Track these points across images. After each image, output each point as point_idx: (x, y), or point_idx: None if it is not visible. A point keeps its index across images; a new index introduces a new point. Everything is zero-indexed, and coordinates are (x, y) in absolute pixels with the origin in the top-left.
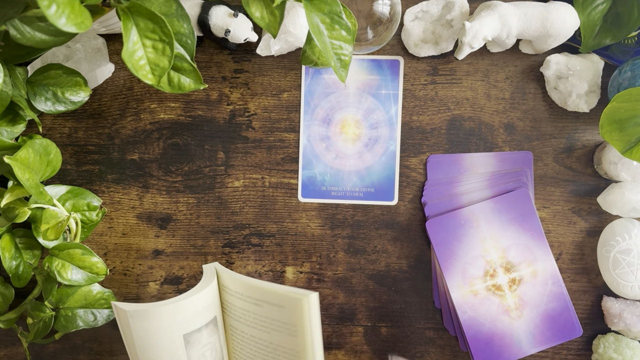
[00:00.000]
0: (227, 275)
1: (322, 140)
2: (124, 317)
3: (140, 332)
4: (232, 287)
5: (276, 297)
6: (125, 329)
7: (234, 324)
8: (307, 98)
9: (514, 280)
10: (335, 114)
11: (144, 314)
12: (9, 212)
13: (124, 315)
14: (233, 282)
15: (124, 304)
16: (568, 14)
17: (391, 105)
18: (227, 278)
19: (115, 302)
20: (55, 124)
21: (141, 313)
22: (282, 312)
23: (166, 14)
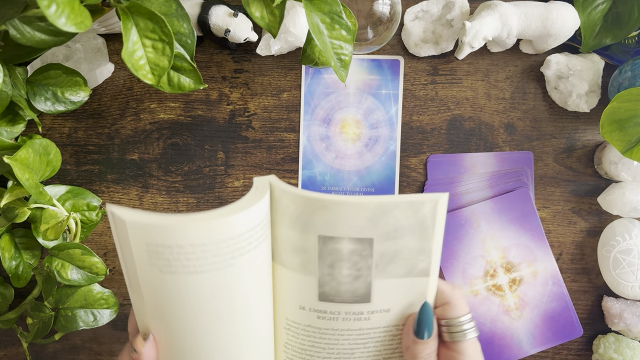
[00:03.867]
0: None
1: (322, 140)
2: (122, 230)
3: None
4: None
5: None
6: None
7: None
8: (307, 98)
9: (514, 281)
10: (335, 114)
11: (154, 230)
12: (8, 212)
13: (122, 227)
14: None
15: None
16: (568, 14)
17: (391, 105)
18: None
19: (111, 207)
20: (55, 124)
21: (149, 228)
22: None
23: (166, 13)
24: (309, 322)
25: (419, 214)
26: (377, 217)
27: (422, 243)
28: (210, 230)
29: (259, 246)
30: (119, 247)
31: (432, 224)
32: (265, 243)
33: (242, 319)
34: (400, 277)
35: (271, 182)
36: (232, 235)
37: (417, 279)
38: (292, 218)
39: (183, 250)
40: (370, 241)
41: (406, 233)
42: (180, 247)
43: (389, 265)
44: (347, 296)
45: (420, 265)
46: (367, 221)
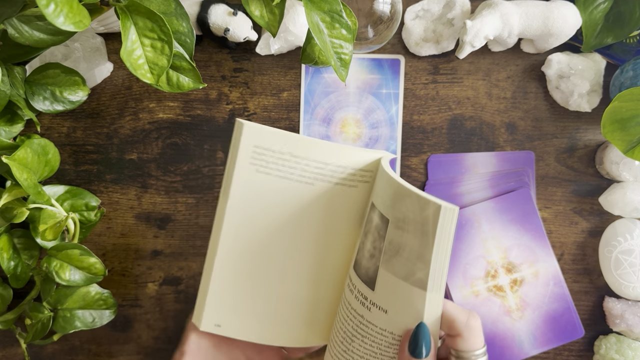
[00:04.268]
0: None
1: (322, 139)
2: (238, 132)
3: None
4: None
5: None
6: (234, 148)
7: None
8: (307, 97)
9: (516, 281)
10: (335, 114)
11: (265, 134)
12: (7, 212)
13: (239, 128)
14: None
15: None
16: (570, 13)
17: (392, 105)
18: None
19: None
20: (53, 124)
21: (262, 132)
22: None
23: (165, 12)
24: (350, 288)
25: (423, 214)
26: (396, 199)
27: (422, 248)
28: (307, 147)
29: (341, 186)
30: (230, 153)
31: (432, 230)
32: (349, 190)
33: (308, 237)
34: (399, 278)
35: (385, 156)
36: (322, 160)
37: (415, 288)
38: (377, 180)
39: (282, 157)
40: (387, 222)
41: (410, 228)
42: (281, 154)
43: (393, 258)
44: (363, 272)
45: (417, 274)
46: (390, 200)
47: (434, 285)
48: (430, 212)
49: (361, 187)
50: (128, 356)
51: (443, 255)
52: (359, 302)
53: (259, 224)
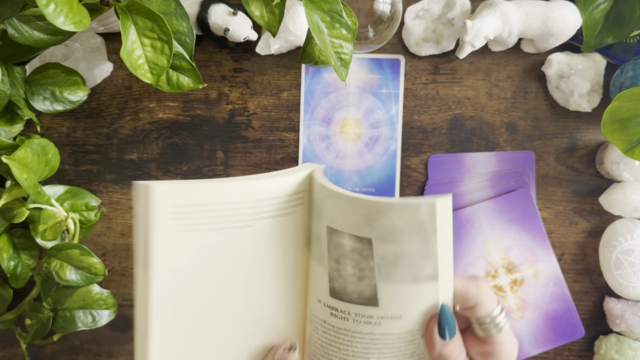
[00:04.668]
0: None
1: (322, 139)
2: (144, 198)
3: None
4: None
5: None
6: (143, 215)
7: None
8: (307, 97)
9: (516, 281)
10: (335, 114)
11: (178, 192)
12: (7, 212)
13: (145, 194)
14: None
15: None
16: (570, 13)
17: (392, 105)
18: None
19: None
20: (53, 124)
21: (175, 190)
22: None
23: (165, 12)
24: (324, 318)
25: (416, 218)
26: (372, 216)
27: (425, 248)
28: (234, 190)
29: (279, 217)
30: (139, 221)
31: (432, 227)
32: (289, 218)
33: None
34: (407, 283)
35: (316, 168)
36: (253, 199)
37: (425, 284)
38: (313, 203)
39: (208, 208)
40: (369, 241)
41: (405, 237)
42: (206, 205)
43: (393, 270)
44: (355, 296)
45: (426, 271)
46: (363, 219)
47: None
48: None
49: (299, 210)
50: (128, 356)
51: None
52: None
53: (199, 290)
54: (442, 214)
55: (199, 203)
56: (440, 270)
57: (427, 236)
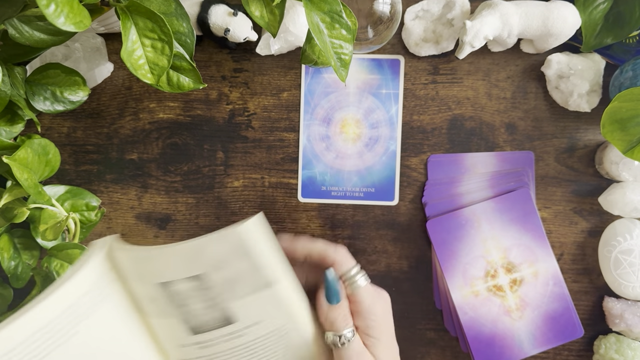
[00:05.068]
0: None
1: (322, 139)
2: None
3: None
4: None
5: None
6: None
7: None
8: (307, 97)
9: (515, 281)
10: (335, 114)
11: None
12: (7, 212)
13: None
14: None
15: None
16: (569, 13)
17: (392, 105)
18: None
19: None
20: (53, 124)
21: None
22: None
23: (165, 13)
24: (196, 355)
25: (232, 245)
26: (194, 257)
27: (252, 263)
28: (41, 315)
29: (101, 305)
30: None
31: (249, 246)
32: (110, 300)
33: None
34: (251, 295)
35: (108, 242)
36: (61, 310)
37: (267, 290)
38: (132, 274)
39: (29, 341)
40: (203, 275)
41: (231, 261)
42: (26, 341)
43: (234, 289)
44: (214, 323)
45: (263, 279)
46: (187, 263)
47: (281, 273)
48: (238, 239)
49: (114, 289)
50: None
51: (273, 250)
52: (231, 340)
53: None
54: (253, 233)
55: (20, 341)
56: (276, 274)
57: (249, 254)
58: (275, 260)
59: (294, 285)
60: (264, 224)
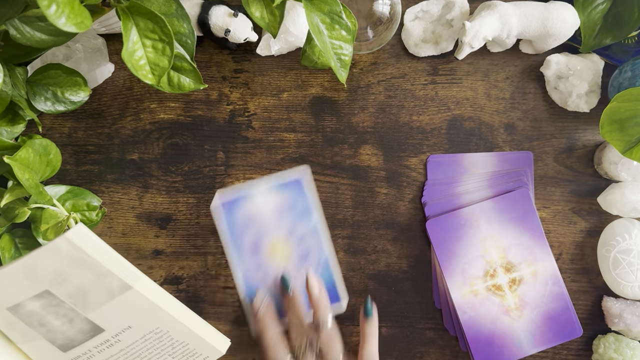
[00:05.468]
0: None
1: (258, 269)
2: None
3: None
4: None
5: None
6: None
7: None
8: (232, 233)
9: (514, 281)
10: (262, 240)
11: None
12: (8, 212)
13: None
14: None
15: None
16: (568, 14)
17: (310, 216)
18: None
19: None
20: (54, 124)
21: None
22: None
23: (166, 13)
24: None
25: (63, 254)
26: (31, 274)
27: (94, 270)
28: None
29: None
30: None
31: (84, 254)
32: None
33: None
34: (108, 301)
35: None
36: None
37: (126, 294)
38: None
39: None
40: (47, 292)
41: (70, 272)
42: None
43: (87, 299)
44: (81, 336)
45: (114, 285)
46: (26, 281)
47: (131, 277)
48: (66, 248)
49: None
50: None
51: (110, 255)
52: (106, 349)
53: None
54: (82, 240)
55: None
56: (127, 279)
57: (86, 261)
58: (120, 265)
59: (153, 286)
60: (89, 233)
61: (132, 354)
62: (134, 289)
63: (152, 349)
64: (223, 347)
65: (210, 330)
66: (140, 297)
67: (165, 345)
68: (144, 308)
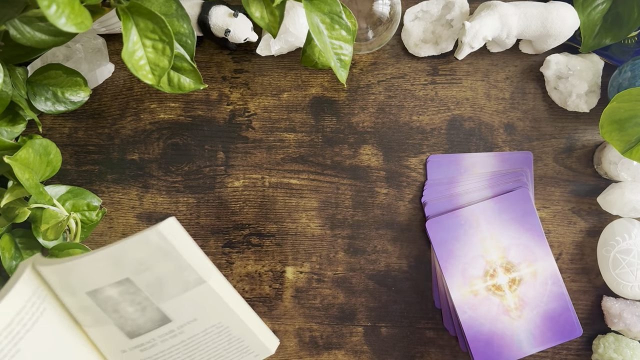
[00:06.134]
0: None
1: None
2: None
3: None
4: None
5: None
6: None
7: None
8: None
9: (514, 280)
10: None
11: None
12: (8, 212)
13: None
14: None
15: None
16: (568, 14)
17: None
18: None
19: None
20: (55, 124)
21: None
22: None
23: (166, 14)
24: (139, 357)
25: (151, 246)
26: (116, 262)
27: (176, 263)
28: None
29: (39, 320)
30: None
31: (170, 247)
32: (47, 314)
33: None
34: (181, 294)
35: (34, 261)
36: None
37: (197, 288)
38: (60, 286)
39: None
40: (128, 280)
41: (153, 262)
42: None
43: (163, 290)
44: (149, 325)
45: (190, 279)
46: (111, 268)
47: (208, 272)
48: (155, 239)
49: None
50: None
51: (192, 250)
52: (169, 339)
53: None
54: (172, 234)
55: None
56: (202, 274)
57: (171, 254)
58: (199, 260)
59: (223, 282)
60: (179, 227)
61: (191, 346)
62: (207, 284)
63: (210, 343)
64: (273, 346)
65: (265, 329)
66: (211, 292)
67: (223, 340)
68: (211, 303)
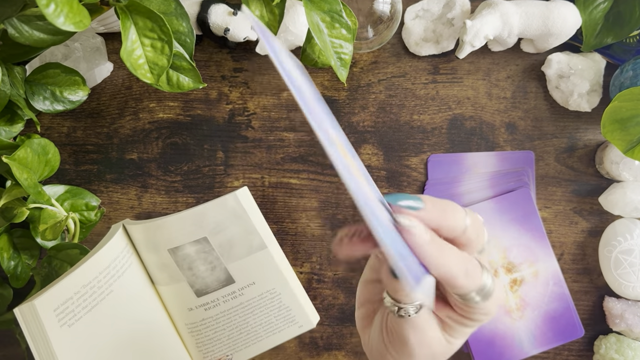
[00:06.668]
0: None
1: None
2: (32, 314)
3: None
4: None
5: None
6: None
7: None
8: None
9: (516, 281)
10: None
11: (51, 295)
12: (7, 212)
13: (31, 310)
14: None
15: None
16: (570, 13)
17: None
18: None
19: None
20: (53, 124)
21: (48, 296)
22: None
23: (165, 12)
24: (202, 317)
25: (228, 208)
26: (198, 221)
27: (245, 227)
28: (84, 274)
29: (127, 270)
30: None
31: (242, 210)
32: (133, 267)
33: (144, 330)
34: (246, 257)
35: (124, 223)
36: (100, 270)
37: (259, 253)
38: (145, 244)
39: (80, 292)
40: (205, 239)
41: (228, 224)
42: (76, 292)
43: (232, 251)
44: (215, 284)
45: (254, 243)
46: (193, 227)
47: (269, 239)
48: (232, 203)
49: (133, 260)
50: None
51: (260, 219)
52: (230, 300)
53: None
54: (245, 199)
55: (70, 295)
56: (265, 239)
57: (242, 218)
58: (263, 227)
59: (280, 252)
60: (250, 195)
61: (248, 309)
62: (267, 249)
63: (263, 308)
64: (315, 320)
65: (309, 303)
66: (270, 257)
67: (274, 307)
68: (269, 268)
